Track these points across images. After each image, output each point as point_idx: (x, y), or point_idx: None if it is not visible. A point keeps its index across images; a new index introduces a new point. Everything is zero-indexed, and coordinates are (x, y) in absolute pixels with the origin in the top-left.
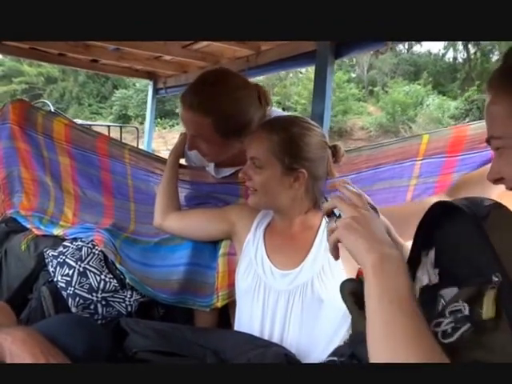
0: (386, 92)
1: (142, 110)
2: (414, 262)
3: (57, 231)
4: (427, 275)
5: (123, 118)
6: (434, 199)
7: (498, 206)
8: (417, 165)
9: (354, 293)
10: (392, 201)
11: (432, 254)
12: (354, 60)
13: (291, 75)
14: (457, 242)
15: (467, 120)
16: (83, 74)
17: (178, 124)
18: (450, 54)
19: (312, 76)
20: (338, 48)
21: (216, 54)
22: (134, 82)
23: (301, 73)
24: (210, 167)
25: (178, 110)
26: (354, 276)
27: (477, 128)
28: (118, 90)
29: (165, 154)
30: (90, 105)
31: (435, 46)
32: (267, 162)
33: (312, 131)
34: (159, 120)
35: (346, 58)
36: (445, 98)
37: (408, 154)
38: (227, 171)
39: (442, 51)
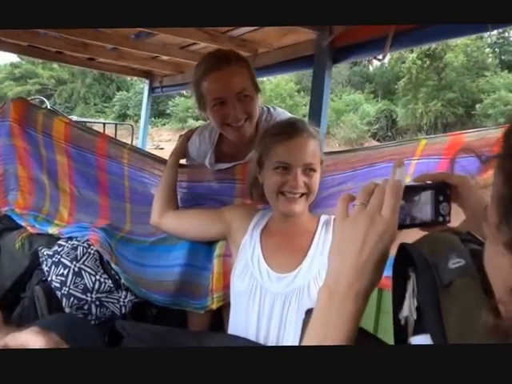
0: (334, 100)
1: (139, 109)
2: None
3: (51, 230)
4: (408, 305)
5: (123, 117)
6: None
7: (463, 271)
8: (412, 164)
9: None
10: None
11: (414, 280)
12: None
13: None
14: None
15: (376, 126)
16: (90, 77)
17: (168, 123)
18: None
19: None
20: (335, 53)
21: None
22: (134, 85)
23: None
24: (207, 161)
25: (168, 111)
26: None
27: (472, 136)
28: (121, 91)
29: (149, 148)
30: (95, 104)
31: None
32: (318, 164)
33: None
34: (153, 119)
35: (343, 63)
36: (381, 105)
37: (404, 155)
38: (224, 165)
39: (393, 63)
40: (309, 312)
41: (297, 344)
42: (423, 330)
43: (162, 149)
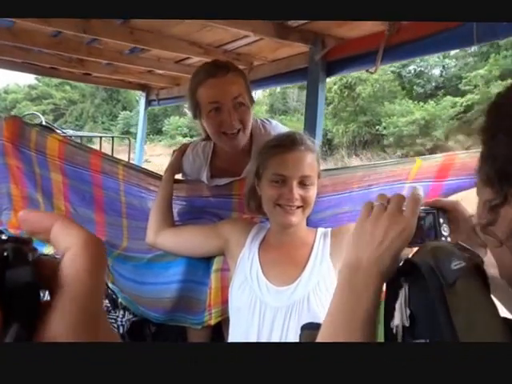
0: (292, 120)
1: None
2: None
3: (47, 249)
4: (400, 314)
5: (126, 133)
6: None
7: (466, 271)
8: (405, 188)
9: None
10: None
11: (406, 289)
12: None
13: None
14: (423, 299)
15: None
16: (99, 97)
17: (163, 140)
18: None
19: None
20: (329, 66)
21: None
22: (135, 105)
23: None
24: (204, 177)
25: (164, 129)
26: None
27: (464, 157)
28: (126, 110)
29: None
30: (103, 122)
31: None
32: (315, 177)
33: None
34: (151, 136)
35: (336, 75)
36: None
37: (398, 177)
38: (221, 181)
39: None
40: (304, 328)
41: None
42: (419, 335)
43: (149, 162)
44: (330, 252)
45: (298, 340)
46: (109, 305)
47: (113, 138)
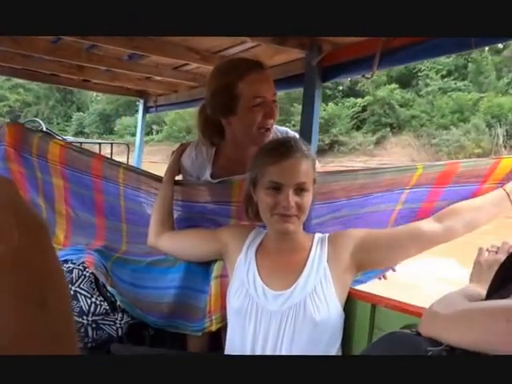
0: None
1: (95, 127)
2: None
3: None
4: None
5: (80, 134)
6: (421, 223)
7: None
8: (404, 193)
9: None
10: (376, 222)
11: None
12: None
13: None
14: None
15: None
16: (53, 99)
17: (116, 139)
18: None
19: None
20: (324, 72)
21: (205, 74)
22: (89, 106)
23: None
24: (207, 174)
25: (116, 129)
26: (344, 297)
27: (467, 166)
28: (80, 111)
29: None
30: (58, 123)
31: None
32: (311, 184)
33: None
34: (104, 135)
35: (332, 81)
36: None
37: (398, 185)
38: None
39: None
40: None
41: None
42: None
43: None
44: (327, 257)
45: (292, 343)
46: (107, 307)
47: (112, 144)
